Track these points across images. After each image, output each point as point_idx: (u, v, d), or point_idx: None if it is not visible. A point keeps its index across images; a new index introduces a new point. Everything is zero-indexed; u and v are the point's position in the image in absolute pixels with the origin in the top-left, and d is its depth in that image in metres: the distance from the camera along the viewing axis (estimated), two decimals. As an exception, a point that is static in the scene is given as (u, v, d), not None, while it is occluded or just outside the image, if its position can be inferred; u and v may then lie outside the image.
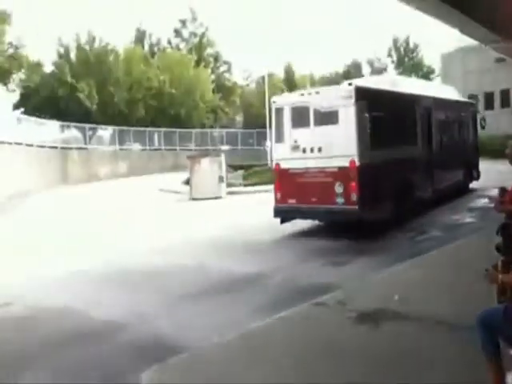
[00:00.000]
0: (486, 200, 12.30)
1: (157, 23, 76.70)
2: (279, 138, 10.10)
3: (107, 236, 10.95)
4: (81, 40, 35.46)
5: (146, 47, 43.71)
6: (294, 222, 10.18)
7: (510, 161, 4.28)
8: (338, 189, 8.97)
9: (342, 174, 8.91)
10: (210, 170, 17.33)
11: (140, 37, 44.81)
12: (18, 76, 34.13)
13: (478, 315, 3.10)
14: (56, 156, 27.68)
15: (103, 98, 33.97)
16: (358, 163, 8.75)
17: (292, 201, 9.80)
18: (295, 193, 9.71)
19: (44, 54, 62.33)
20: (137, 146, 36.07)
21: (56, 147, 28.42)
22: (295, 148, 9.68)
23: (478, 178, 14.83)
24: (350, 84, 9.49)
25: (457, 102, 14.66)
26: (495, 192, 4.59)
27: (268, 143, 29.97)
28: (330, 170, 9.14)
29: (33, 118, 27.38)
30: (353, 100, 8.84)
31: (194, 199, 16.97)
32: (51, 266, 8.04)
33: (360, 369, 3.74)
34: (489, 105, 36.63)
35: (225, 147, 36.97)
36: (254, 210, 13.42)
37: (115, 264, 8.10)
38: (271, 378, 3.71)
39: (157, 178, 26.85)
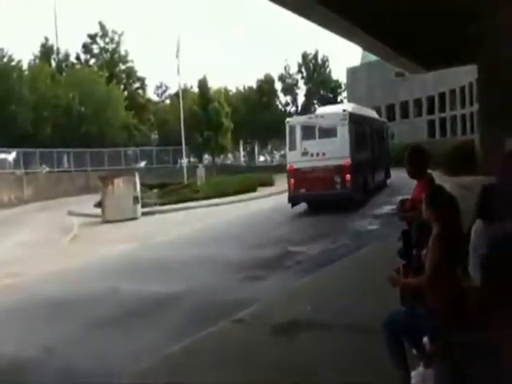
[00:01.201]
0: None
1: (64, 38, 73.97)
2: (292, 147, 14.45)
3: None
4: (-24, 54, 33.13)
5: (53, 63, 41.68)
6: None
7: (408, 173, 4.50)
8: (337, 179, 13.46)
9: (339, 169, 13.44)
10: (123, 190, 16.75)
11: (46, 52, 42.64)
12: None
13: (384, 319, 3.19)
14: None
15: (5, 118, 31.80)
16: (349, 162, 13.54)
17: (302, 190, 13.94)
18: (304, 184, 13.79)
19: None
20: (44, 169, 34.09)
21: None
22: (304, 154, 14.02)
23: (389, 176, 19.93)
24: (344, 110, 14.51)
25: (379, 120, 20.22)
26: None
27: (184, 160, 29.73)
28: (330, 167, 13.54)
29: None
30: (347, 121, 13.82)
31: (107, 221, 16.27)
32: None
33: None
34: (391, 116, 39.13)
35: (140, 166, 36.13)
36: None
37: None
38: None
39: (66, 201, 25.51)
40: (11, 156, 33.85)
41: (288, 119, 15.19)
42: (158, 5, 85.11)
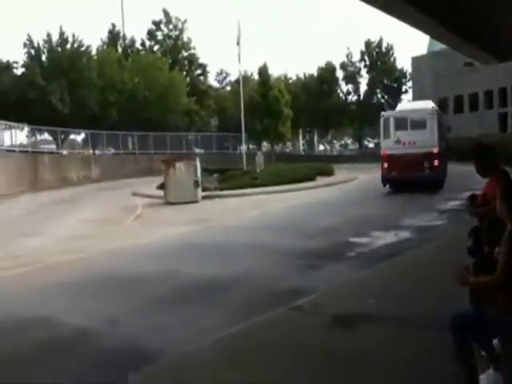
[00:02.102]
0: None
1: (130, 24, 76.31)
2: (386, 136, 16.88)
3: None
4: (52, 41, 34.74)
5: (120, 49, 43.08)
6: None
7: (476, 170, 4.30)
8: (426, 164, 15.93)
9: (428, 155, 15.94)
10: (185, 174, 17.14)
11: (113, 38, 44.16)
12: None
13: (450, 318, 3.09)
14: (27, 160, 27.02)
15: (75, 101, 33.33)
16: (438, 150, 16.19)
17: (394, 173, 16.20)
18: (396, 168, 16.05)
19: (14, 56, 61.12)
20: (110, 150, 35.53)
21: (27, 151, 27.77)
22: (397, 142, 16.42)
23: None
24: (432, 106, 17.50)
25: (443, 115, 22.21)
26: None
27: (244, 147, 29.98)
28: (421, 154, 15.89)
29: (2, 122, 26.67)
30: (435, 115, 16.62)
31: (169, 203, 16.76)
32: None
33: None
34: (458, 108, 37.44)
35: (200, 151, 36.79)
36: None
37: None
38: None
39: (130, 182, 26.48)
40: (80, 137, 35.55)
41: (383, 113, 18.07)
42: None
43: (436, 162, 16.02)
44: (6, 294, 7.03)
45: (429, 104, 18.28)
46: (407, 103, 22.05)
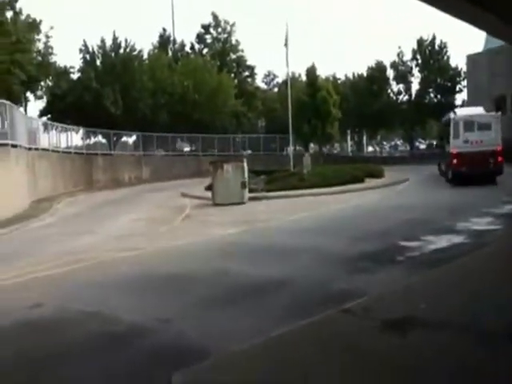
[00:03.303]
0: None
1: (180, 28, 78.18)
2: (456, 136, 19.38)
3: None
4: (106, 45, 36.00)
5: (170, 53, 44.12)
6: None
7: None
8: (491, 160, 18.70)
9: (492, 153, 18.75)
10: (232, 175, 17.28)
11: (163, 42, 45.29)
12: (46, 83, 34.80)
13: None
14: (82, 162, 28.12)
15: (128, 104, 34.39)
16: (501, 148, 19.01)
17: (463, 168, 18.76)
18: (465, 163, 18.63)
19: (71, 60, 63.85)
20: (160, 152, 36.40)
21: (82, 153, 28.89)
22: (466, 142, 19.13)
23: None
24: (497, 112, 21.64)
25: None
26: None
27: (291, 148, 29.91)
28: (487, 152, 18.62)
29: (59, 124, 27.87)
30: (499, 119, 19.81)
31: (216, 204, 16.95)
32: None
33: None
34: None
35: (247, 152, 37.01)
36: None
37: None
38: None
39: (179, 183, 27.00)
40: (131, 139, 36.64)
41: (453, 116, 20.36)
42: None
43: (499, 158, 19.01)
44: (62, 288, 7.32)
45: (481, 110, 21.37)
46: (464, 109, 24.75)
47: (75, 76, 36.46)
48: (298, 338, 4.61)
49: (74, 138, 29.71)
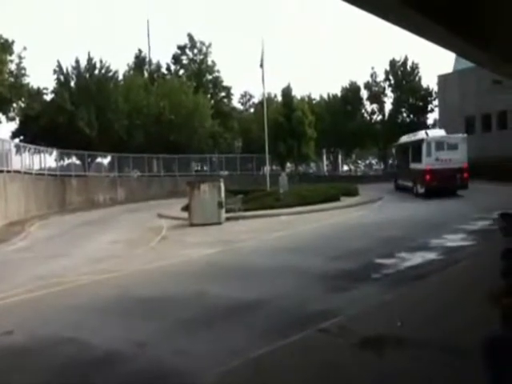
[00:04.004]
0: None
1: (156, 49, 78.62)
2: (428, 155, 21.88)
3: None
4: (80, 66, 35.81)
5: (146, 73, 44.15)
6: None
7: None
8: (458, 176, 21.50)
9: (460, 170, 21.50)
10: (209, 195, 17.26)
11: (139, 63, 45.32)
12: (19, 104, 34.34)
13: (484, 345, 3.00)
14: (55, 184, 27.68)
15: (103, 125, 34.14)
16: (466, 165, 21.59)
17: (434, 183, 21.37)
18: (436, 179, 21.21)
19: (44, 81, 63.22)
20: (135, 173, 36.14)
21: (55, 175, 28.45)
22: (437, 159, 21.65)
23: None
24: (463, 134, 23.47)
25: None
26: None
27: (267, 168, 30.08)
28: (454, 169, 21.42)
29: (32, 146, 27.46)
30: (465, 140, 22.19)
31: (193, 225, 16.86)
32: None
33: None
34: (486, 127, 36.78)
35: (224, 172, 37.05)
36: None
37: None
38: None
39: (156, 203, 26.80)
40: (106, 160, 36.28)
41: (425, 137, 22.67)
42: (244, 15, 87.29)
43: (465, 175, 21.65)
44: (34, 314, 7.14)
45: (441, 132, 24.40)
46: (412, 134, 26.68)
47: (49, 97, 36.12)
48: (275, 359, 4.61)
49: (48, 159, 29.26)
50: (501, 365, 2.98)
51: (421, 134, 23.91)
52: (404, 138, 27.76)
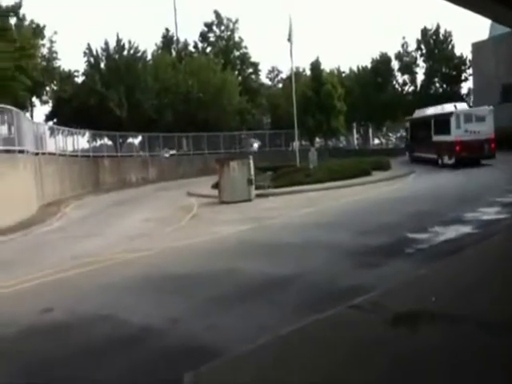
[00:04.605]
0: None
1: (183, 27, 78.33)
2: (458, 127, 22.63)
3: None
4: (110, 47, 36.06)
5: (173, 52, 44.12)
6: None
7: None
8: (486, 147, 22.46)
9: (487, 141, 22.46)
10: (238, 173, 17.27)
11: (167, 42, 45.30)
12: (51, 87, 34.97)
13: None
14: (88, 165, 28.26)
15: (132, 105, 34.45)
16: (493, 136, 22.62)
17: (464, 153, 22.33)
18: (466, 149, 22.24)
19: (75, 64, 64.11)
20: (166, 152, 36.48)
21: (88, 156, 29.03)
22: (466, 131, 22.52)
23: None
24: (489, 106, 23.75)
25: None
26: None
27: (296, 143, 29.83)
28: (483, 140, 22.39)
29: (65, 128, 28.02)
30: (492, 113, 23.09)
31: (223, 202, 16.96)
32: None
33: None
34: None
35: (253, 147, 36.91)
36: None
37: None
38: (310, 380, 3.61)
39: (186, 182, 27.05)
40: (137, 140, 36.75)
41: (453, 110, 23.26)
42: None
43: (493, 145, 22.65)
44: (72, 290, 7.37)
45: (464, 105, 25.31)
46: (429, 108, 27.90)
47: (80, 79, 36.65)
48: (307, 335, 4.60)
49: (81, 141, 29.84)
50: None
51: (447, 108, 24.41)
52: (420, 112, 28.72)
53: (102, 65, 36.20)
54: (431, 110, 26.94)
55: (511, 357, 3.25)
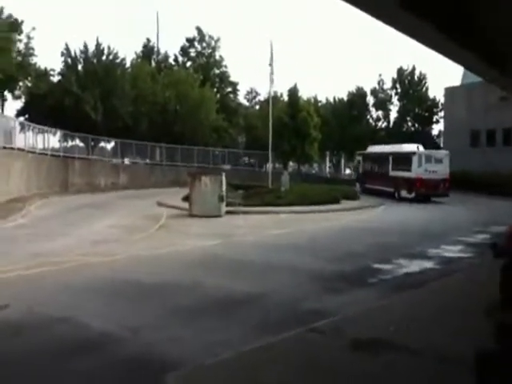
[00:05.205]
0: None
1: (164, 39, 78.32)
2: (419, 165, 25.20)
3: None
4: (89, 50, 35.78)
5: (153, 63, 44.09)
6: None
7: None
8: (442, 185, 25.10)
9: (443, 180, 25.17)
10: (210, 188, 17.28)
11: (147, 52, 45.25)
12: (25, 83, 34.32)
13: (475, 358, 3.02)
14: (58, 164, 27.71)
15: (108, 110, 34.12)
16: (448, 177, 25.41)
17: (423, 189, 24.94)
18: (425, 186, 24.83)
19: (52, 63, 63.13)
20: (138, 160, 36.14)
21: (58, 156, 28.47)
22: (426, 170, 25.06)
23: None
24: (446, 150, 27.57)
25: None
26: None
27: (270, 165, 30.14)
28: (439, 179, 25.00)
29: (37, 125, 27.47)
30: (448, 157, 26.01)
31: (193, 216, 16.91)
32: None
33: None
34: (491, 142, 36.81)
35: (226, 166, 37.07)
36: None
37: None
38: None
39: (156, 191, 26.83)
40: (110, 145, 36.30)
41: (416, 150, 26.07)
42: (254, 13, 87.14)
43: (447, 184, 25.41)
44: (32, 289, 7.20)
45: (414, 147, 26.99)
46: (383, 146, 31.33)
47: (55, 79, 36.11)
48: (266, 355, 4.65)
49: (52, 140, 29.27)
50: (487, 378, 3.03)
51: (407, 147, 27.61)
52: (374, 148, 31.95)
53: (80, 67, 35.83)
54: (388, 148, 29.71)
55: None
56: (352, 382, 3.96)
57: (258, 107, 51.05)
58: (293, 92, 39.78)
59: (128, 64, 38.63)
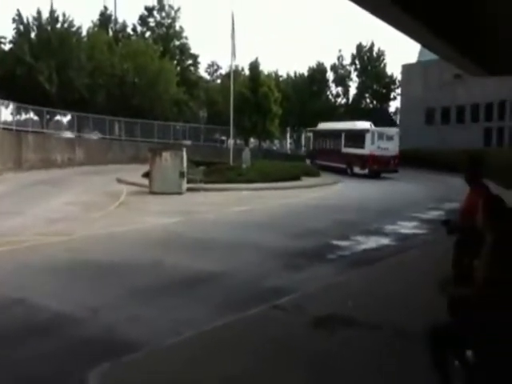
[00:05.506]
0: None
1: (122, 8, 75.39)
2: (372, 143, 26.05)
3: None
4: (42, 18, 34.04)
5: (110, 32, 42.49)
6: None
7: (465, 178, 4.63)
8: (392, 162, 26.34)
9: (394, 157, 26.47)
10: (171, 164, 17.07)
11: (104, 21, 43.51)
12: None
13: (428, 332, 3.15)
14: (10, 139, 26.56)
15: (63, 82, 32.76)
16: (398, 154, 26.71)
17: (375, 166, 25.87)
18: (376, 163, 25.83)
19: (2, 30, 59.76)
20: (96, 134, 35.10)
21: (11, 129, 27.29)
22: (378, 147, 25.97)
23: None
24: (397, 128, 32.32)
25: None
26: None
27: (231, 141, 29.98)
28: (389, 155, 26.23)
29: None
30: (398, 134, 27.85)
31: (153, 193, 16.70)
32: None
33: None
34: (445, 119, 37.88)
35: (187, 142, 36.59)
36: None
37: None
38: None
39: (115, 168, 26.27)
40: (66, 119, 35.06)
41: (369, 128, 26.88)
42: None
43: (397, 161, 26.51)
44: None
45: (367, 124, 27.69)
46: (335, 123, 32.45)
47: (6, 47, 34.30)
48: (229, 333, 4.71)
49: (3, 112, 27.99)
50: (440, 350, 3.19)
51: (360, 125, 28.31)
52: (325, 125, 32.48)
53: (33, 35, 34.13)
54: (341, 125, 30.51)
55: (421, 361, 3.56)
56: (313, 359, 4.08)
57: (219, 81, 50.38)
58: (254, 66, 39.42)
59: (84, 33, 37.06)
